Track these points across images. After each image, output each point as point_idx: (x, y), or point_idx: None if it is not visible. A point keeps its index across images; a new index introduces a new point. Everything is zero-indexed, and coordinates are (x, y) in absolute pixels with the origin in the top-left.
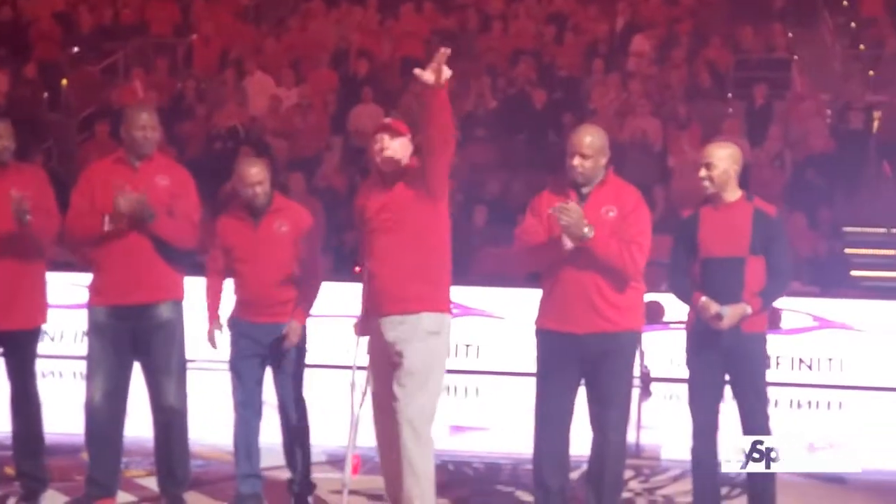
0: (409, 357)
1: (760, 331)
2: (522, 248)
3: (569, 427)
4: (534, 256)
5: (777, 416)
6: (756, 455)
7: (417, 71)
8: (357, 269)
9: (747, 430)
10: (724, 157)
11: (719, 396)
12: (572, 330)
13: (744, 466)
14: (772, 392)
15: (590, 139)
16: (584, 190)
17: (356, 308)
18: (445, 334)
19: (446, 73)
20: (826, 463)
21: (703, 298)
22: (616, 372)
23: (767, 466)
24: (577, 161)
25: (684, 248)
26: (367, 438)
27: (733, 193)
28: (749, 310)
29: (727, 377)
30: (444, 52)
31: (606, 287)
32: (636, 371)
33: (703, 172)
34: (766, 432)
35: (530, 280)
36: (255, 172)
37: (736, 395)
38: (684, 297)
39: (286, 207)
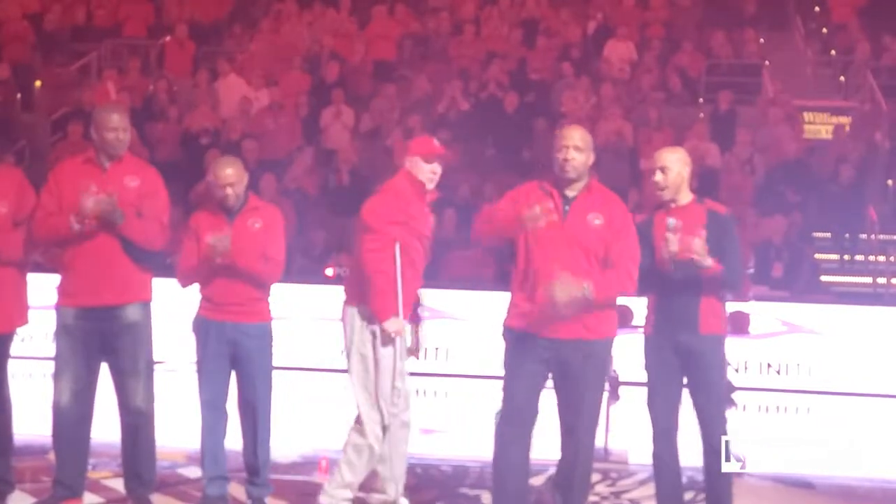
0: None
1: (718, 332)
2: (485, 223)
3: (532, 428)
4: (493, 234)
5: (745, 420)
6: (713, 455)
7: None
8: (329, 271)
9: (705, 432)
10: (676, 161)
11: (678, 398)
12: (550, 334)
13: (704, 469)
14: (740, 396)
15: (581, 133)
16: (570, 193)
17: (323, 311)
18: None
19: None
20: (794, 467)
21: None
22: (592, 379)
23: (723, 466)
24: (571, 154)
25: (646, 251)
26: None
27: (686, 196)
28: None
29: (685, 379)
30: None
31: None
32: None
33: (658, 176)
34: (723, 433)
35: (497, 282)
36: (229, 174)
37: (693, 396)
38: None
39: (261, 207)
